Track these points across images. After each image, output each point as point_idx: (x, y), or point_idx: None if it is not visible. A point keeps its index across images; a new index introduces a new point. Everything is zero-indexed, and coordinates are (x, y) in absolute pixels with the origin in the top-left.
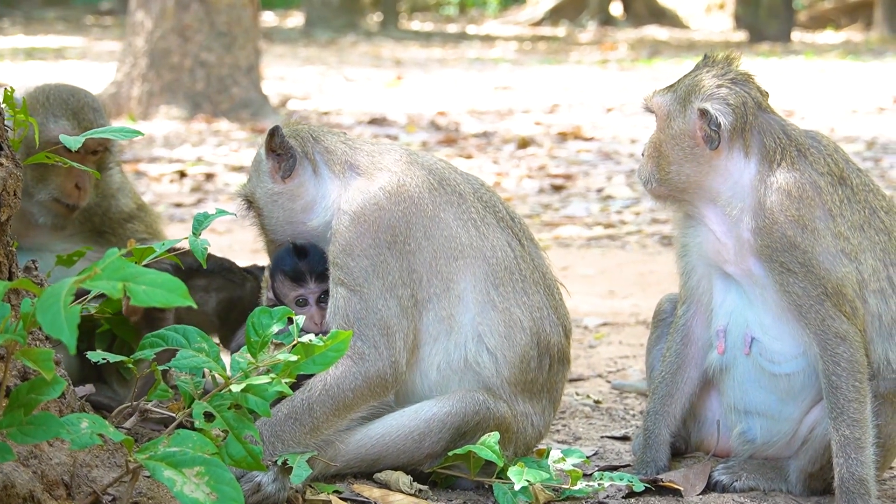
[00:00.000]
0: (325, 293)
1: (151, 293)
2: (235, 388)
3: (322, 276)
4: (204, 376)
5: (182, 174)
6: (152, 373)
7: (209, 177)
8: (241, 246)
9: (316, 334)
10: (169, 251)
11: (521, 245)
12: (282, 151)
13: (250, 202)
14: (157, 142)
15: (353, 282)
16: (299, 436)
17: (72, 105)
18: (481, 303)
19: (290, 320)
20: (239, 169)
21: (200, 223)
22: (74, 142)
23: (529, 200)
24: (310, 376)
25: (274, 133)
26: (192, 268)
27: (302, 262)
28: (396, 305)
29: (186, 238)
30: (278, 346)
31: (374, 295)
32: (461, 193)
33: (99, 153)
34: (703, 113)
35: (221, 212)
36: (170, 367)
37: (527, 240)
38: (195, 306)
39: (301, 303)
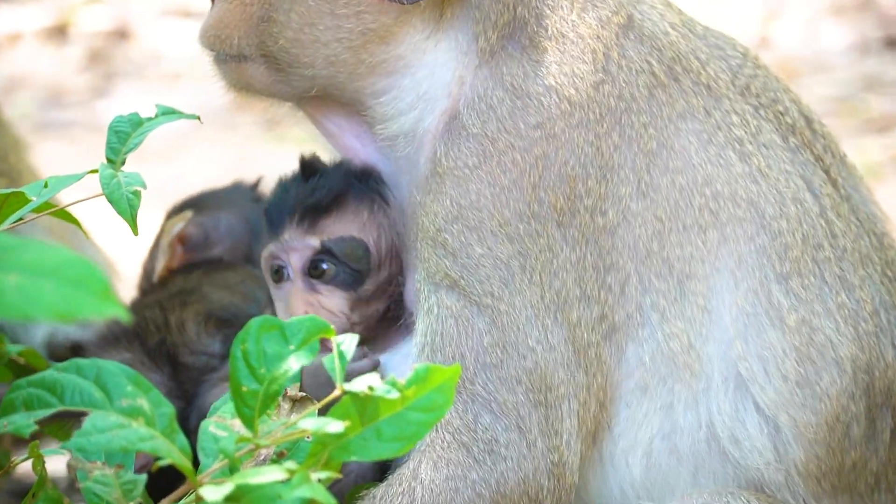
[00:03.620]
0: (329, 256)
1: (33, 295)
2: (211, 495)
3: (322, 212)
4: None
5: (61, 30)
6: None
7: (122, 35)
8: (198, 178)
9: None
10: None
11: (831, 183)
12: None
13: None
14: None
15: (477, 286)
16: None
17: None
18: (749, 313)
19: (325, 345)
20: (186, 14)
21: (122, 139)
22: None
23: (838, 73)
24: (379, 472)
25: None
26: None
27: (294, 187)
28: (565, 340)
29: (95, 171)
30: (300, 402)
31: (520, 317)
32: (709, 85)
33: None
34: None
35: (168, 113)
36: (67, 451)
37: (840, 167)
38: (126, 318)
39: (276, 275)
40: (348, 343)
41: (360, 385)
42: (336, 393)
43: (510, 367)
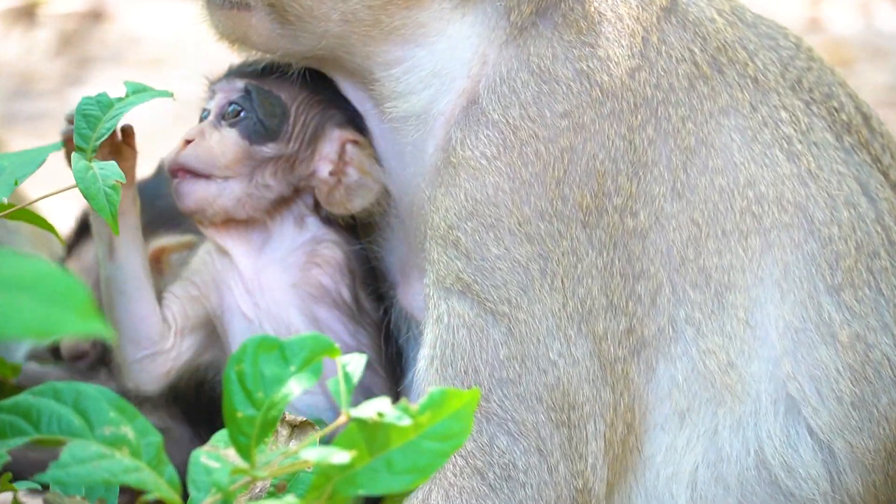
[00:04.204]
0: (245, 101)
1: (8, 311)
2: None
3: (265, 71)
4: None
5: (29, 11)
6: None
7: (97, 16)
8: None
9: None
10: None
11: (889, 186)
12: None
13: None
14: None
15: (493, 292)
16: None
17: None
18: (798, 329)
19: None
20: None
21: (91, 124)
22: None
23: (895, 59)
24: None
25: None
26: None
27: None
28: (590, 353)
29: (55, 148)
30: (300, 427)
31: (540, 327)
32: (756, 77)
33: None
34: None
35: (139, 91)
36: (42, 485)
37: None
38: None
39: (202, 117)
40: (355, 364)
41: (368, 411)
42: (341, 419)
43: (529, 383)
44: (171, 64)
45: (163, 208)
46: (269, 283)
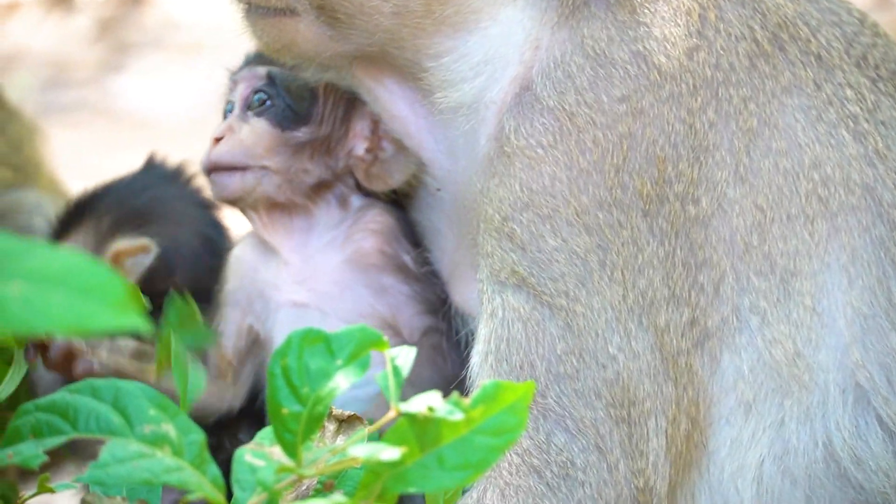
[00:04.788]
0: (270, 87)
1: (40, 306)
2: None
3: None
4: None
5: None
6: None
7: (135, 1)
8: None
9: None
10: None
11: None
12: None
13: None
14: None
15: (550, 284)
16: None
17: None
18: (867, 315)
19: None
20: None
21: None
22: None
23: None
24: None
25: None
26: None
27: None
28: (651, 347)
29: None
30: (347, 422)
31: (598, 321)
32: (820, 54)
33: None
34: None
35: None
36: (79, 485)
37: None
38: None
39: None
40: (404, 357)
41: (418, 405)
42: (391, 414)
43: (588, 379)
44: (211, 49)
45: (134, 207)
46: (323, 267)
